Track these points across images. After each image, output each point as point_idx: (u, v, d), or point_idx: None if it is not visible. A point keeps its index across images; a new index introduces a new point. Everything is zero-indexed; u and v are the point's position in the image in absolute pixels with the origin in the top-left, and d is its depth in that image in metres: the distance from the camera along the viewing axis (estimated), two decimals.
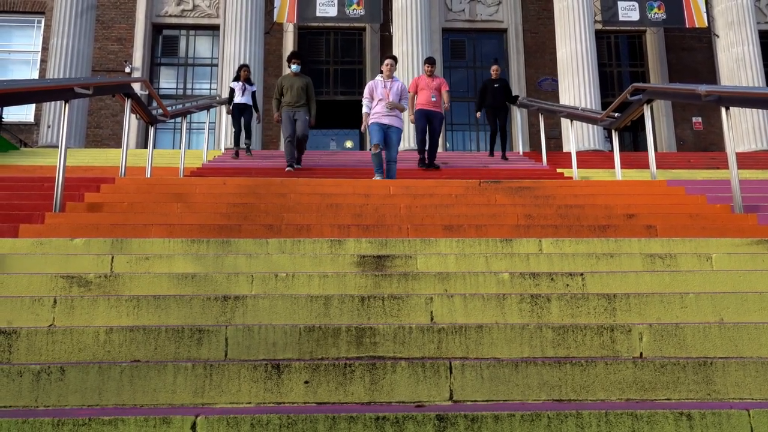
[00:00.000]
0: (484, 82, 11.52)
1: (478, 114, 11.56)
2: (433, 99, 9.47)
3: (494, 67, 11.43)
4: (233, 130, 11.40)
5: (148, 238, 4.48)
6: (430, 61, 9.77)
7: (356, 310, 3.12)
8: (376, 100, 8.10)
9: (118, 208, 5.49)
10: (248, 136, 11.46)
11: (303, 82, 9.65)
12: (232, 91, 11.35)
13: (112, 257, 3.89)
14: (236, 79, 11.42)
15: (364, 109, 8.22)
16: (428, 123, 9.53)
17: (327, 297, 3.14)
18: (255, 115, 11.46)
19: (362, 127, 8.28)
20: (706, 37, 18.18)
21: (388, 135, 7.98)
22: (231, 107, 11.25)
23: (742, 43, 15.75)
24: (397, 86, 8.24)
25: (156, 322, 3.06)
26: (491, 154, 11.65)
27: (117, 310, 3.08)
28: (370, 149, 7.86)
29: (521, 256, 3.98)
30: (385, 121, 7.98)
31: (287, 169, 9.32)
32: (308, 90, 9.68)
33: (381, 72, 8.35)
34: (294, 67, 9.73)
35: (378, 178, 7.62)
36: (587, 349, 2.75)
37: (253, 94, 11.41)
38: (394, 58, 8.48)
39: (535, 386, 2.46)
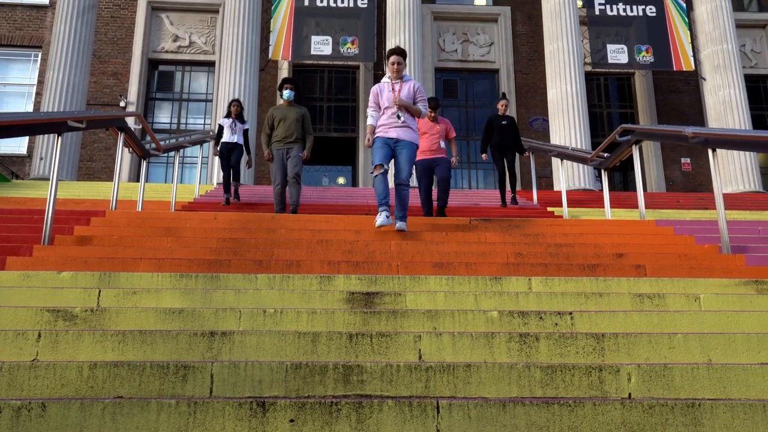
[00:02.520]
0: (490, 118, 10.21)
1: (485, 155, 10.08)
2: (439, 145, 8.03)
3: (502, 102, 10.27)
4: (222, 174, 10.00)
5: (136, 272, 4.45)
6: (431, 103, 8.05)
7: (344, 347, 3.10)
8: (383, 109, 6.22)
9: (108, 242, 5.47)
10: (236, 176, 10.02)
11: (298, 113, 8.12)
12: (220, 128, 10.17)
13: (99, 291, 3.86)
14: (227, 115, 10.31)
15: (369, 121, 6.27)
16: (433, 171, 8.04)
17: (315, 334, 3.12)
18: (246, 158, 10.23)
19: (366, 141, 6.19)
20: (693, 80, 18.54)
21: (397, 152, 6.10)
22: (218, 147, 10.10)
23: (729, 87, 16.07)
24: (409, 87, 6.23)
25: (141, 357, 3.03)
26: (503, 201, 10.09)
27: (102, 345, 3.05)
28: (371, 172, 6.12)
29: (510, 295, 3.98)
30: (393, 134, 6.10)
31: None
32: (304, 122, 8.15)
33: (387, 74, 6.38)
34: (287, 93, 8.13)
35: (382, 221, 5.81)
36: (575, 389, 2.73)
37: (245, 132, 10.24)
38: (402, 53, 6.25)
39: (522, 426, 2.43)
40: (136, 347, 3.05)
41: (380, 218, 5.81)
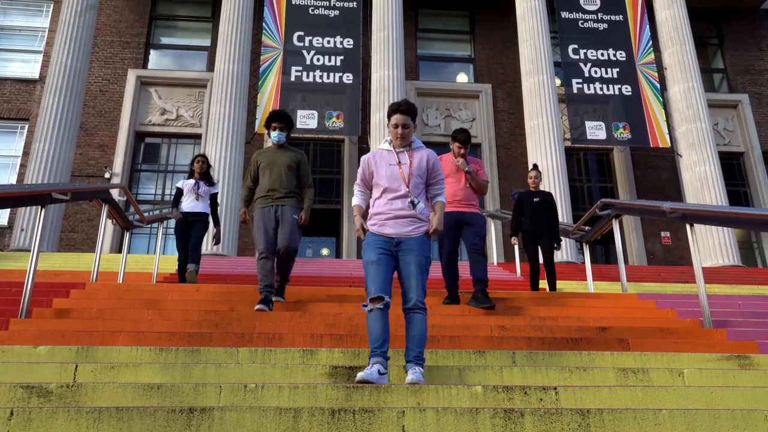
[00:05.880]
0: (519, 196, 8.17)
1: (514, 240, 8.11)
2: (469, 192, 6.21)
3: (532, 174, 8.12)
4: (177, 255, 7.88)
5: (115, 345, 4.38)
6: (459, 137, 6.15)
7: (326, 423, 3.04)
8: (380, 191, 4.05)
9: (87, 315, 5.39)
10: (196, 258, 7.67)
11: (291, 158, 5.99)
12: (179, 192, 7.99)
13: (77, 366, 3.78)
14: (189, 175, 8.12)
15: (355, 200, 4.21)
16: (460, 230, 6.20)
17: (296, 409, 3.06)
18: (215, 230, 7.93)
19: (357, 231, 4.06)
20: (670, 156, 19.06)
21: (401, 259, 3.92)
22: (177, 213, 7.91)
23: (704, 163, 16.53)
24: (421, 159, 4.08)
25: None
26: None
27: (76, 423, 2.96)
28: (364, 305, 3.87)
29: (494, 369, 3.95)
30: (392, 230, 3.95)
31: (258, 307, 5.63)
32: (300, 171, 6.03)
33: (387, 139, 4.20)
34: (275, 135, 5.97)
35: (368, 375, 3.58)
36: None
37: (213, 197, 8.07)
38: (409, 111, 4.05)
39: None
40: (111, 424, 2.96)
41: (369, 371, 3.62)
